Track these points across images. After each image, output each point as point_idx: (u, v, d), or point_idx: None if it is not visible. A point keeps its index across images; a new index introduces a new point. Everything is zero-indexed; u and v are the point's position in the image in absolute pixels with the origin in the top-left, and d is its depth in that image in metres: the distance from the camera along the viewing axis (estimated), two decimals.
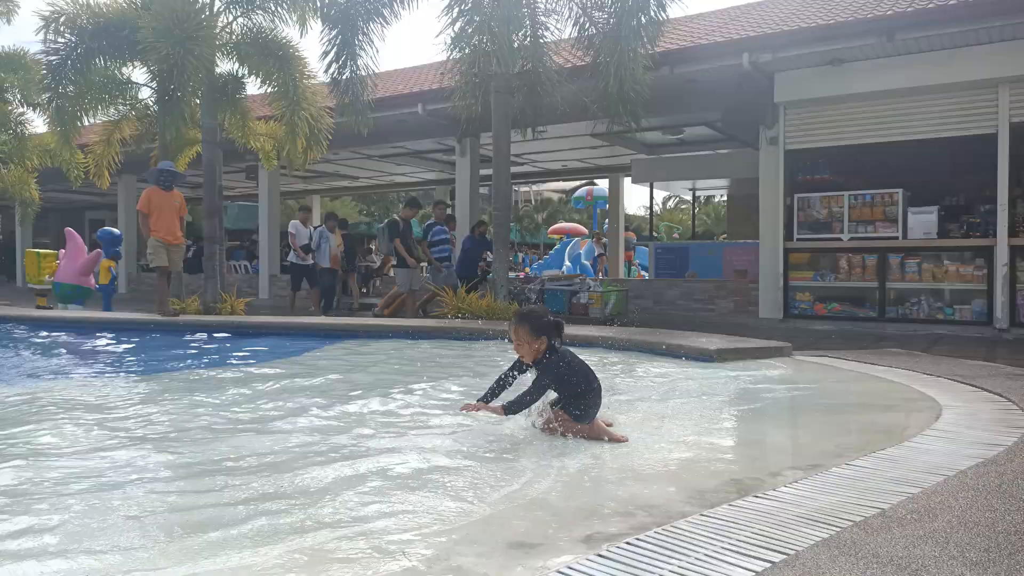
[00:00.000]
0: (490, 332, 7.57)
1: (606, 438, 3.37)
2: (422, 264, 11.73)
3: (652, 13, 7.77)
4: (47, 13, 9.82)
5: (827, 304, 10.20)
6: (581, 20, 8.91)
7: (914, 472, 2.71)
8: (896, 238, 9.68)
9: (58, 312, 10.91)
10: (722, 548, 1.98)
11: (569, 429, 3.37)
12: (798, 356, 6.27)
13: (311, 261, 12.31)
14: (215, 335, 7.95)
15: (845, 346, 7.44)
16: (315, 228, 12.89)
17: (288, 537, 2.18)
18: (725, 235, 20.76)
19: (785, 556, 1.89)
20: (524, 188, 33.70)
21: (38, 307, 12.02)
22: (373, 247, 19.08)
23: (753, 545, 1.99)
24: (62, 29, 9.91)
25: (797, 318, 10.28)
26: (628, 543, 2.03)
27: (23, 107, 15.42)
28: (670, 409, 4.19)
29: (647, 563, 1.88)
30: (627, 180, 18.40)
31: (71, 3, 9.88)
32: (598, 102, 8.56)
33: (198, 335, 7.96)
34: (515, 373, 3.56)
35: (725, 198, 22.07)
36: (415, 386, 4.77)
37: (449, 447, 3.24)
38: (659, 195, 33.74)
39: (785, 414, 4.40)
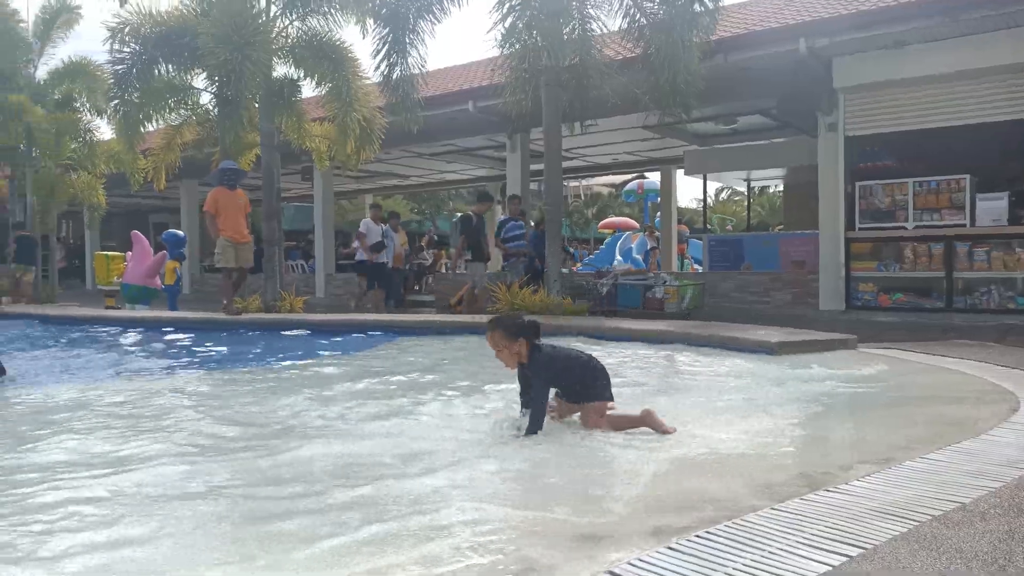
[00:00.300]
0: (548, 328, 7.60)
1: (637, 428, 3.36)
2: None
3: (707, 2, 7.62)
4: (114, 24, 10.22)
5: (891, 295, 9.88)
6: (632, 12, 8.82)
7: (993, 465, 2.62)
8: (964, 225, 9.31)
9: (127, 312, 11.32)
10: (795, 542, 1.95)
11: (598, 421, 3.36)
12: (863, 348, 6.11)
13: (384, 259, 12.16)
14: (282, 333, 8.13)
15: (911, 338, 7.20)
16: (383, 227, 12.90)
17: (363, 537, 2.20)
18: (781, 226, 20.27)
19: (862, 550, 1.85)
20: (573, 183, 33.47)
21: (107, 307, 12.50)
22: (424, 244, 19.27)
23: (827, 539, 1.96)
24: (127, 39, 10.28)
25: (860, 309, 9.99)
26: (698, 536, 2.01)
27: (91, 115, 16.04)
28: (731, 403, 4.13)
29: (718, 557, 1.87)
30: (679, 172, 18.14)
31: (135, 13, 10.25)
32: (649, 93, 8.46)
33: (264, 333, 8.17)
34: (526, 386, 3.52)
35: (780, 188, 21.57)
36: (472, 384, 4.81)
37: (508, 445, 3.25)
38: (711, 187, 33.21)
39: (852, 407, 4.28)
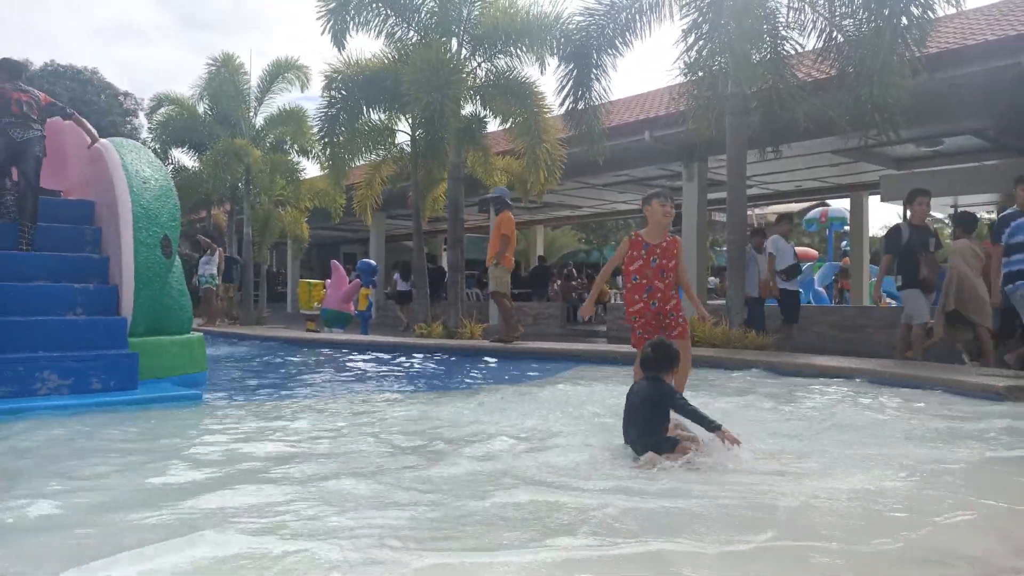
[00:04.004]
0: (728, 362, 7.29)
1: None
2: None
3: (916, 14, 7.09)
4: (328, 74, 11.44)
5: None
6: (827, 30, 8.40)
7: None
8: None
9: (328, 335, 12.27)
10: None
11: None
12: None
13: (797, 287, 9.92)
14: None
15: None
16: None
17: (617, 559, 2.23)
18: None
19: None
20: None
21: (307, 330, 13.66)
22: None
23: None
24: (338, 86, 11.41)
25: None
26: None
27: (298, 156, 17.85)
28: (962, 452, 3.72)
29: None
30: (872, 199, 16.92)
31: (345, 64, 11.38)
32: (848, 115, 7.98)
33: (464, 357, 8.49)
34: None
35: (988, 214, 19.39)
36: None
37: (708, 483, 3.11)
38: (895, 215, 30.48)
39: None
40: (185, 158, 19.79)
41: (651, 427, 3.36)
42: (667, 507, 2.67)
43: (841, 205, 21.54)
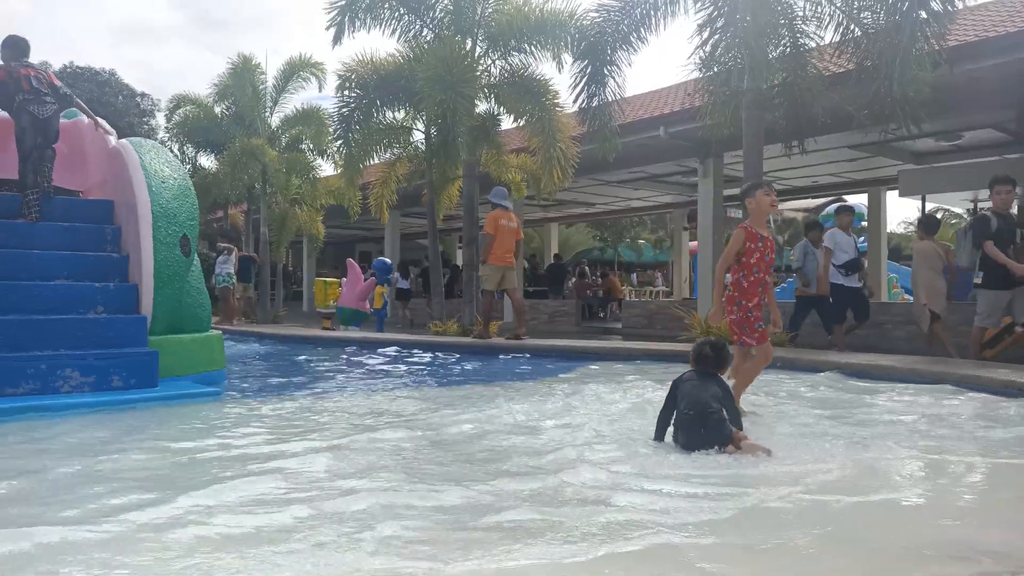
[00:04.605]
0: None
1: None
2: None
3: (936, 8, 7.00)
4: (343, 73, 11.49)
5: None
6: (845, 24, 8.30)
7: None
8: None
9: (344, 333, 12.31)
10: None
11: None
12: None
13: (860, 283, 9.23)
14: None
15: None
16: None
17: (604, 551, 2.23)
18: None
19: None
20: None
21: (324, 329, 13.72)
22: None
23: None
24: (352, 85, 11.46)
25: None
26: None
27: (314, 155, 17.94)
28: (980, 447, 3.68)
29: None
30: (890, 194, 16.74)
31: (359, 63, 11.42)
32: (867, 109, 7.89)
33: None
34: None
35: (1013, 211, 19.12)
36: None
37: (733, 479, 3.10)
38: (918, 208, 30.14)
39: None
40: (202, 158, 19.97)
41: (717, 417, 3.48)
42: (711, 508, 2.65)
43: (858, 200, 21.34)
